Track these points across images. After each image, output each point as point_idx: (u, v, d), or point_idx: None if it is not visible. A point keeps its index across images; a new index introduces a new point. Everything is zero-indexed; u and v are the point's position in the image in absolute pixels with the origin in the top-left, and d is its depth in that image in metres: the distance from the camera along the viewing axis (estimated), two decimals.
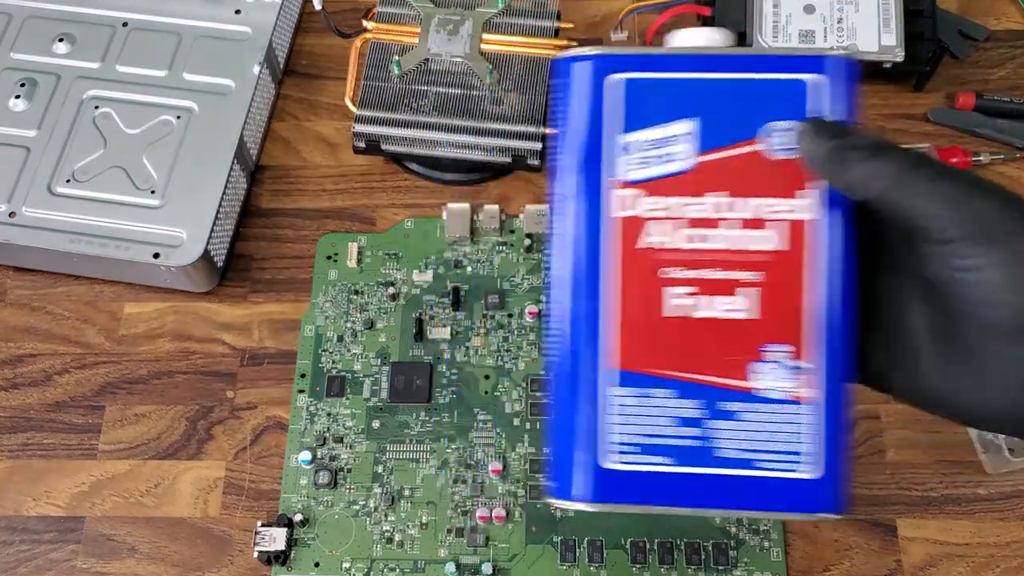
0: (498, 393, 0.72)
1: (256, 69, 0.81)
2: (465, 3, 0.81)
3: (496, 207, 0.77)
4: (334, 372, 0.73)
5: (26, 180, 0.80)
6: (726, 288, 0.44)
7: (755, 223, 0.44)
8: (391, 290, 0.75)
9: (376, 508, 0.69)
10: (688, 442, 0.44)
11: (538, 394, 0.72)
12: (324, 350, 0.74)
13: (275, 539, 0.67)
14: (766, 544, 0.67)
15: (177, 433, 0.73)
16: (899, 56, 0.78)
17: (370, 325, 0.75)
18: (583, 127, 0.45)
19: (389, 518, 0.69)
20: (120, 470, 0.72)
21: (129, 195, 0.79)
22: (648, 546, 0.67)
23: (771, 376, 0.44)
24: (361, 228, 0.79)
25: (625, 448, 0.44)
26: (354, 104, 0.79)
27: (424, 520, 0.69)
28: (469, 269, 0.77)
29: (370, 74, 0.80)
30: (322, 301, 0.76)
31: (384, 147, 0.79)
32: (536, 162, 0.78)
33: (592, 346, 0.44)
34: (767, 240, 0.44)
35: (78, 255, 0.75)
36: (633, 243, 0.44)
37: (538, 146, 0.77)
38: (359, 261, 0.77)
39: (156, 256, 0.76)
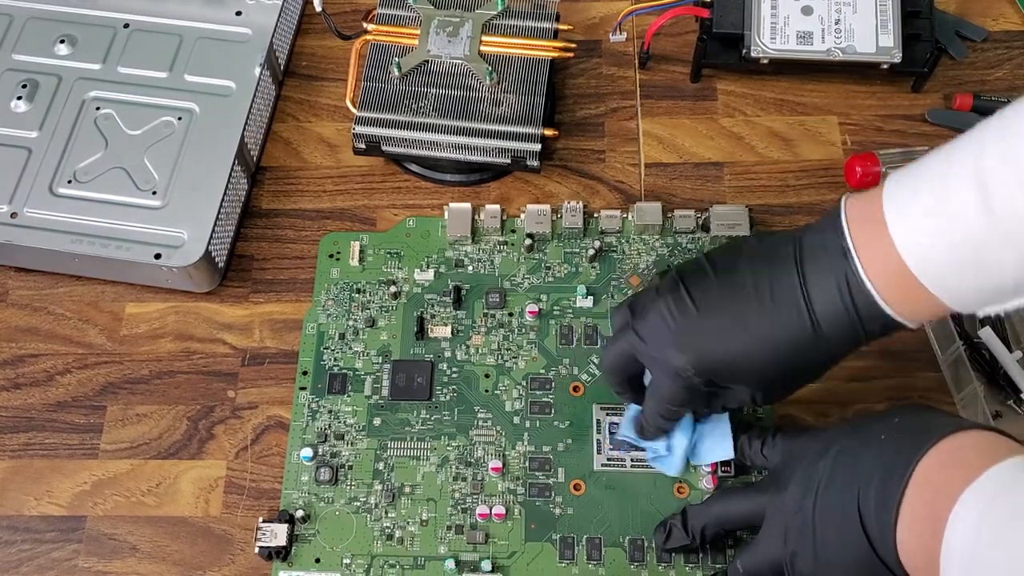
0: (498, 391, 0.73)
1: (257, 70, 0.81)
2: (465, 5, 0.81)
3: (497, 207, 0.78)
4: (336, 369, 0.74)
5: (28, 181, 0.80)
6: None
7: None
8: (393, 288, 0.75)
9: (377, 505, 0.69)
10: None
11: (538, 392, 0.72)
12: (326, 347, 0.74)
13: (276, 535, 0.67)
14: None
15: (178, 433, 0.73)
16: (897, 57, 0.79)
17: (372, 323, 0.75)
18: None
19: (389, 515, 0.69)
20: (121, 470, 0.72)
21: (130, 196, 0.79)
22: (646, 544, 0.67)
23: None
24: (361, 228, 0.79)
25: None
26: (354, 105, 0.79)
27: (424, 517, 0.69)
28: (470, 268, 0.77)
29: (370, 75, 0.80)
30: (324, 299, 0.76)
31: (384, 148, 0.79)
32: (535, 163, 0.78)
33: None
34: None
35: (80, 255, 0.75)
36: None
37: (537, 147, 0.77)
38: (361, 260, 0.77)
39: (157, 256, 0.76)
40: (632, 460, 0.70)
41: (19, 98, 0.83)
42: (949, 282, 0.53)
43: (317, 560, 0.68)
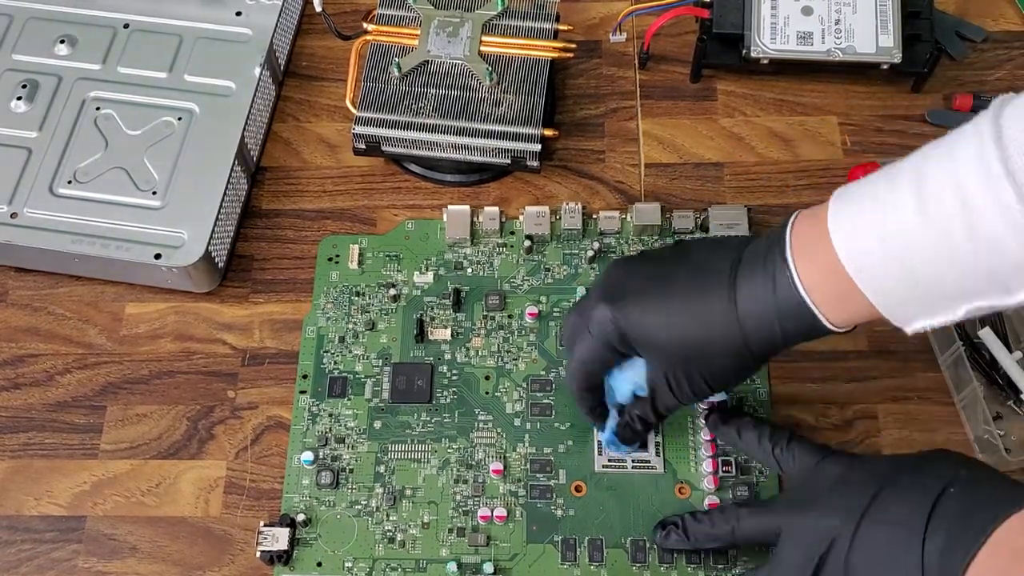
0: (499, 393, 0.73)
1: (257, 71, 0.81)
2: (465, 5, 0.81)
3: (496, 209, 0.78)
4: (336, 373, 0.73)
5: (28, 181, 0.80)
6: None
7: None
8: (392, 291, 0.75)
9: (378, 508, 0.69)
10: None
11: (538, 394, 0.72)
12: (326, 351, 0.74)
13: (278, 539, 0.67)
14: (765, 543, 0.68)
15: (178, 433, 0.73)
16: (897, 58, 0.79)
17: (371, 326, 0.75)
18: None
19: (391, 518, 0.69)
20: (121, 470, 0.72)
21: (130, 196, 0.79)
22: (648, 545, 0.68)
23: None
24: (361, 229, 0.79)
25: None
26: (354, 106, 0.79)
27: (426, 520, 0.69)
28: (469, 270, 0.77)
29: (370, 76, 0.80)
30: (323, 302, 0.76)
31: (384, 148, 0.79)
32: (535, 163, 0.78)
33: None
34: None
35: (80, 256, 0.75)
36: None
37: (537, 147, 0.77)
38: (360, 263, 0.77)
39: (157, 257, 0.76)
40: (633, 461, 0.70)
41: (19, 98, 0.83)
42: (882, 284, 0.54)
43: (319, 564, 0.68)
